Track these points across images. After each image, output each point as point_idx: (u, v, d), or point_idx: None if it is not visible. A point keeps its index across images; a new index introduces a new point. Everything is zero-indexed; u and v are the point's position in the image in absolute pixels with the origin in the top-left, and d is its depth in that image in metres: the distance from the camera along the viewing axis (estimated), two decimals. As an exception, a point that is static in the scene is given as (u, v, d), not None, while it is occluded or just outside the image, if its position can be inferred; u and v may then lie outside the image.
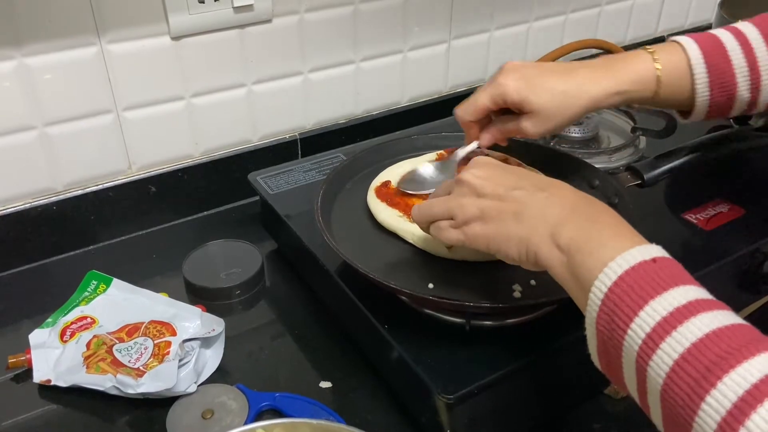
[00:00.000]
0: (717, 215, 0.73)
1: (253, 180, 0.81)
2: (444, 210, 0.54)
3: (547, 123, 0.63)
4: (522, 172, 0.54)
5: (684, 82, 0.63)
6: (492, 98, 0.64)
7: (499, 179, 0.52)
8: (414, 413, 0.61)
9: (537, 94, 0.62)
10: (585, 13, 1.17)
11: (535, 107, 0.62)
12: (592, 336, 0.44)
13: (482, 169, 0.54)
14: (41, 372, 0.65)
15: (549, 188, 0.51)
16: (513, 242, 0.49)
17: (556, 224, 0.47)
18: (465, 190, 0.53)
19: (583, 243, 0.45)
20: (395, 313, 0.62)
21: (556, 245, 0.47)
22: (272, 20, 0.86)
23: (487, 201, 0.51)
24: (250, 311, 0.76)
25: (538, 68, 0.65)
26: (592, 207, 0.49)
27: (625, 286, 0.41)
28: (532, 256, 0.48)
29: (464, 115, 0.67)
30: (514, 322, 0.60)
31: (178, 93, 0.84)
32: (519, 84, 0.63)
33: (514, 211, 0.50)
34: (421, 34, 0.99)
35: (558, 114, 0.63)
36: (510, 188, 0.51)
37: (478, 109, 0.66)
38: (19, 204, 0.79)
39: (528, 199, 0.50)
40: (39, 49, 0.73)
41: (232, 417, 0.61)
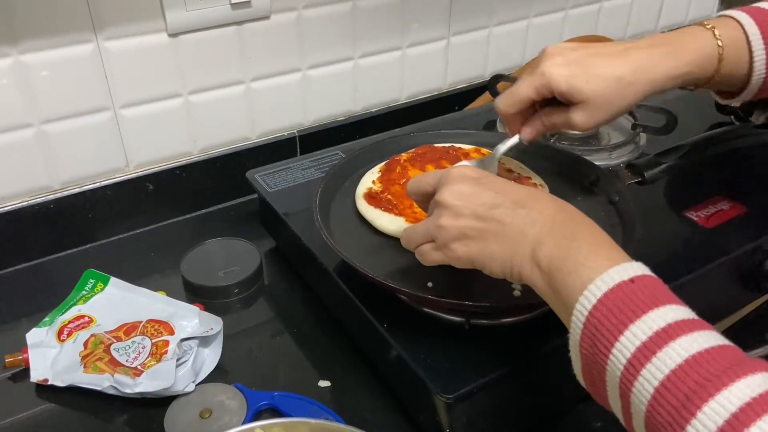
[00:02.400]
0: (718, 213, 0.73)
1: (251, 178, 0.81)
2: (425, 233, 0.53)
3: (600, 114, 0.58)
4: (499, 185, 0.51)
5: (743, 58, 0.59)
6: (536, 89, 0.59)
7: (477, 198, 0.50)
8: (412, 412, 0.61)
9: (588, 81, 0.57)
10: (584, 9, 1.16)
11: (587, 96, 0.57)
12: (576, 358, 0.44)
13: (459, 186, 0.51)
14: (38, 371, 0.64)
15: (528, 203, 0.49)
16: (496, 261, 0.49)
17: (536, 242, 0.47)
18: (443, 212, 0.51)
19: (561, 262, 0.45)
20: (394, 311, 0.61)
21: (537, 264, 0.46)
22: (270, 17, 0.85)
23: (467, 221, 0.50)
24: (249, 310, 0.76)
25: (587, 51, 0.59)
26: (571, 220, 0.48)
27: (605, 309, 0.41)
28: (516, 274, 0.48)
29: (506, 109, 0.62)
30: (514, 320, 0.59)
31: (176, 90, 0.83)
32: (566, 71, 0.57)
33: (495, 230, 0.49)
34: (420, 30, 0.99)
35: (613, 103, 0.58)
36: (489, 207, 0.49)
37: (520, 100, 0.60)
38: (16, 202, 0.79)
39: (508, 217, 0.49)
40: (35, 47, 0.72)
41: (230, 416, 0.60)
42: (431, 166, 0.73)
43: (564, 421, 0.63)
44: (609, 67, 0.58)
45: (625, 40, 0.61)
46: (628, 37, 1.26)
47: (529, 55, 1.12)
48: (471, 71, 1.09)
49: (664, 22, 1.30)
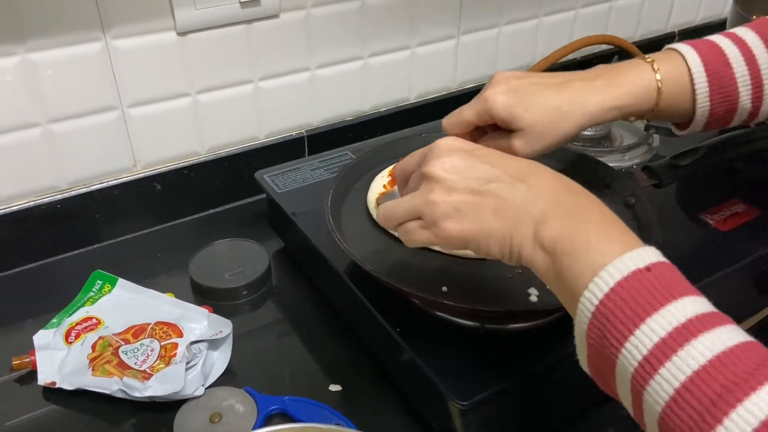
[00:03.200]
0: (733, 215, 0.72)
1: (260, 178, 0.80)
2: (410, 209, 0.49)
3: (538, 141, 0.58)
4: (495, 158, 0.48)
5: (684, 92, 0.60)
6: (478, 113, 0.59)
7: (471, 171, 0.47)
8: (425, 418, 0.60)
9: (527, 110, 0.57)
10: (595, 8, 1.15)
11: (526, 124, 0.57)
12: (582, 346, 0.41)
13: (450, 160, 0.48)
14: (46, 374, 0.64)
15: (528, 177, 0.46)
16: (494, 240, 0.46)
17: (539, 221, 0.44)
18: (433, 186, 0.47)
19: (568, 245, 0.42)
20: (406, 315, 0.60)
21: (540, 245, 0.43)
22: (279, 15, 0.84)
23: (461, 196, 0.46)
24: (257, 312, 0.75)
25: (529, 80, 0.59)
26: (577, 198, 0.45)
27: (618, 299, 0.38)
28: (515, 255, 0.45)
29: (449, 128, 0.62)
30: (529, 325, 0.58)
31: (184, 89, 0.82)
32: (507, 99, 0.57)
33: (493, 206, 0.45)
34: (430, 29, 0.98)
35: (551, 132, 0.58)
36: (485, 181, 0.46)
37: (463, 123, 0.61)
38: (23, 202, 0.78)
39: (506, 192, 0.45)
40: (43, 45, 0.71)
41: (240, 421, 0.60)
42: None
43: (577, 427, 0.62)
44: (547, 97, 0.58)
45: (569, 72, 0.62)
46: (639, 37, 1.25)
47: (539, 54, 1.11)
48: (480, 71, 1.08)
49: (675, 21, 1.29)
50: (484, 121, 0.60)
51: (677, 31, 1.30)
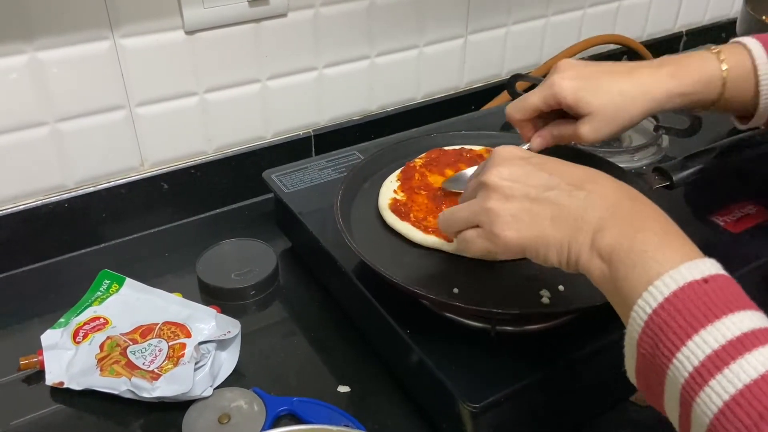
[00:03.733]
0: (744, 217, 0.72)
1: (267, 178, 0.80)
2: (469, 216, 0.50)
3: (605, 127, 0.59)
4: (553, 166, 0.48)
5: (748, 84, 0.60)
6: (544, 99, 0.60)
7: (529, 179, 0.47)
8: (435, 420, 0.60)
9: (595, 95, 0.58)
10: (603, 8, 1.14)
11: (594, 109, 0.58)
12: (632, 355, 0.41)
13: (508, 168, 0.48)
14: (54, 374, 0.63)
15: (586, 185, 0.46)
16: (552, 248, 0.46)
17: (597, 229, 0.43)
18: (491, 194, 0.48)
19: (625, 254, 0.41)
20: (416, 316, 0.60)
21: (597, 253, 0.43)
22: (287, 14, 0.84)
23: (518, 204, 0.47)
24: (265, 312, 0.75)
25: (596, 67, 0.61)
26: (635, 206, 0.44)
27: (672, 309, 0.38)
28: (572, 262, 0.45)
29: (513, 114, 0.63)
30: (541, 327, 0.58)
31: (192, 88, 0.82)
32: (574, 84, 0.58)
33: (551, 214, 0.45)
34: (437, 28, 0.97)
35: (617, 117, 0.59)
36: (543, 189, 0.46)
37: (528, 109, 0.62)
38: (30, 201, 0.78)
39: (565, 199, 0.45)
40: (51, 43, 0.71)
41: (249, 422, 0.59)
42: (450, 170, 0.72)
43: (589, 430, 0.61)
44: (615, 83, 0.59)
45: (633, 62, 0.64)
46: (646, 37, 1.24)
47: (546, 54, 1.11)
48: (488, 70, 1.07)
49: (683, 21, 1.29)
50: (550, 107, 0.61)
51: (685, 31, 1.29)
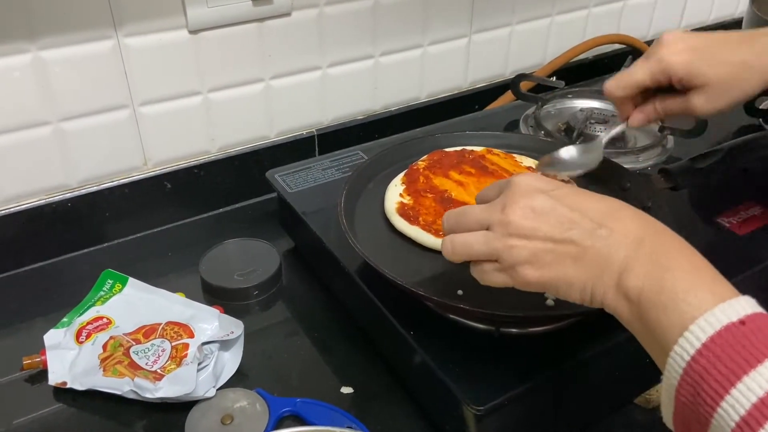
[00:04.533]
0: (750, 219, 0.71)
1: (271, 178, 0.79)
2: (487, 251, 0.47)
3: (721, 98, 0.56)
4: (574, 199, 0.46)
5: None
6: (651, 74, 0.57)
7: (550, 216, 0.45)
8: (438, 422, 0.59)
9: (710, 65, 0.55)
10: (608, 8, 1.14)
11: (708, 80, 0.55)
12: (669, 402, 0.39)
13: (529, 202, 0.46)
14: (57, 374, 0.63)
15: (609, 221, 0.44)
16: (575, 289, 0.44)
17: (622, 269, 0.42)
18: (511, 231, 0.46)
19: (654, 295, 0.40)
20: (420, 318, 0.60)
21: (624, 295, 0.41)
22: (291, 13, 0.84)
23: (540, 243, 0.45)
24: (268, 312, 0.75)
25: (706, 38, 0.57)
26: (661, 241, 0.43)
27: (712, 356, 0.36)
28: (597, 302, 0.44)
29: (615, 91, 0.60)
30: (545, 329, 0.58)
31: (195, 88, 0.82)
32: (686, 56, 0.56)
33: (573, 255, 0.44)
34: (442, 28, 0.97)
35: (734, 88, 0.55)
36: (565, 227, 0.44)
37: (632, 84, 0.59)
38: (33, 200, 0.78)
39: (587, 239, 0.44)
40: (54, 42, 0.71)
41: (252, 423, 0.59)
42: (454, 172, 0.72)
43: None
44: (732, 52, 0.56)
45: (749, 30, 0.60)
46: (651, 36, 1.24)
47: (550, 54, 1.10)
48: (492, 70, 1.07)
49: (688, 21, 1.28)
50: (657, 83, 0.58)
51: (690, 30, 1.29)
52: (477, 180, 0.71)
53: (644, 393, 0.63)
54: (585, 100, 0.95)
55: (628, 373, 0.62)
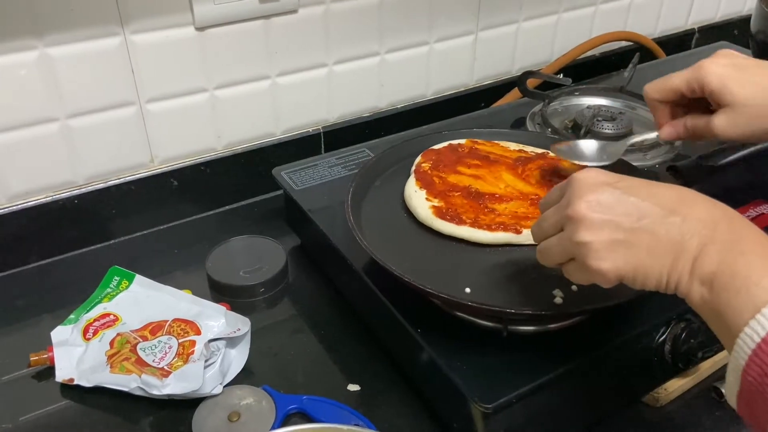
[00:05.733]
0: (759, 217, 0.71)
1: (277, 175, 0.79)
2: (563, 252, 0.48)
3: (744, 123, 0.55)
4: (641, 189, 0.46)
5: None
6: (688, 81, 0.57)
7: (619, 207, 0.45)
8: (445, 420, 0.59)
9: (743, 85, 0.54)
10: (615, 5, 1.13)
11: (736, 100, 0.54)
12: (735, 382, 0.40)
13: (596, 197, 0.45)
14: (64, 371, 0.63)
15: (681, 208, 0.44)
16: (652, 277, 0.44)
17: (697, 255, 0.42)
18: (579, 226, 0.45)
19: (727, 279, 0.40)
20: (427, 315, 0.60)
21: (698, 279, 0.42)
22: (298, 11, 0.83)
23: (611, 235, 0.44)
24: (274, 309, 0.74)
25: (755, 61, 0.56)
26: (734, 227, 0.43)
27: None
28: (671, 288, 0.44)
29: (651, 92, 0.60)
30: (553, 327, 0.58)
31: (202, 85, 0.82)
32: (723, 70, 0.55)
33: (648, 244, 0.44)
34: (448, 25, 0.97)
35: (762, 116, 0.54)
36: (636, 217, 0.44)
37: (668, 89, 0.58)
38: (40, 197, 0.78)
39: (660, 227, 0.43)
40: (61, 39, 0.71)
41: (259, 420, 0.59)
42: (462, 167, 0.71)
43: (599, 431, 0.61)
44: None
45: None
46: (658, 34, 1.23)
47: (557, 51, 1.10)
48: (498, 67, 1.06)
49: (695, 18, 1.27)
50: (692, 92, 0.57)
51: (697, 27, 1.28)
52: (488, 170, 0.71)
53: (652, 391, 0.63)
54: (592, 98, 0.95)
55: (636, 371, 0.61)
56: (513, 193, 0.68)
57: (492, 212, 0.65)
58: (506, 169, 0.71)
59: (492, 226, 0.63)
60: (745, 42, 1.03)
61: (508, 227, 0.63)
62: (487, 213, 0.65)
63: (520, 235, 0.63)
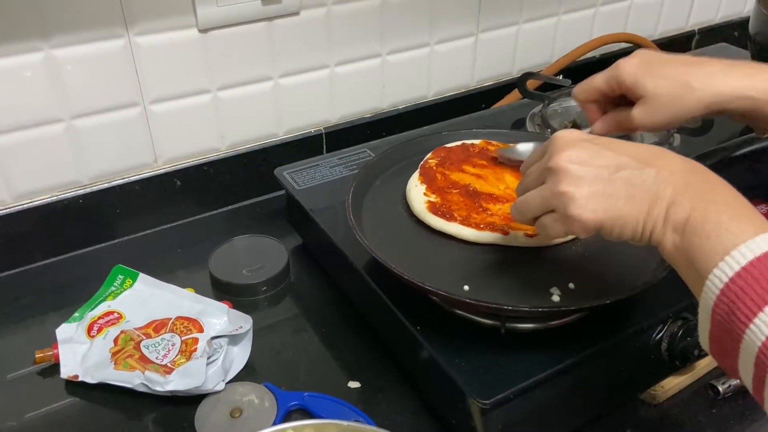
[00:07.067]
0: (756, 217, 0.71)
1: (279, 175, 0.80)
2: (541, 203, 0.50)
3: (658, 113, 0.58)
4: (618, 146, 0.49)
5: None
6: (606, 80, 0.61)
7: (597, 160, 0.48)
8: (444, 416, 0.60)
9: (652, 79, 0.58)
10: (615, 6, 1.14)
11: (647, 93, 0.58)
12: (706, 322, 0.42)
13: (575, 151, 0.48)
14: (68, 367, 0.64)
15: (655, 161, 0.47)
16: (628, 225, 0.47)
17: (670, 203, 0.45)
18: (561, 178, 0.48)
19: (699, 225, 0.43)
20: (426, 313, 0.60)
21: (672, 226, 0.45)
22: (300, 12, 0.84)
23: (591, 186, 0.47)
24: (276, 308, 0.75)
25: (666, 56, 0.60)
26: (706, 180, 0.46)
27: (750, 278, 0.39)
28: (646, 237, 0.47)
29: (577, 94, 0.64)
30: (551, 325, 0.58)
31: (205, 86, 0.83)
32: (636, 68, 0.58)
33: (625, 193, 0.46)
34: (449, 26, 0.98)
35: (672, 105, 0.58)
36: (613, 169, 0.47)
37: (591, 89, 0.62)
38: (45, 197, 0.79)
39: (636, 178, 0.46)
40: (67, 41, 0.72)
41: (260, 416, 0.60)
42: (468, 166, 0.72)
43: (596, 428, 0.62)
44: (678, 70, 0.58)
45: (710, 57, 0.61)
46: (658, 35, 1.24)
47: (557, 52, 1.11)
48: (499, 68, 1.07)
49: (695, 19, 1.28)
50: (612, 89, 0.61)
51: (697, 29, 1.29)
52: (493, 171, 0.72)
53: (650, 389, 0.64)
54: (592, 99, 0.95)
55: (633, 368, 0.62)
56: (511, 195, 0.68)
57: (485, 211, 0.66)
58: (511, 171, 0.72)
59: (481, 225, 0.64)
60: (745, 43, 1.03)
61: (496, 227, 0.64)
62: (480, 212, 0.66)
63: (508, 236, 0.63)
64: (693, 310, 0.60)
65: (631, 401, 0.64)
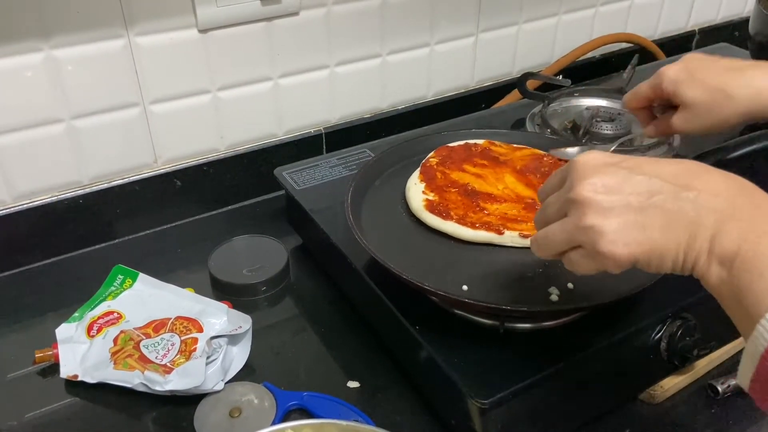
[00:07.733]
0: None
1: (279, 175, 0.80)
2: (566, 238, 0.44)
3: (697, 120, 0.59)
4: (647, 166, 0.43)
5: None
6: (652, 87, 0.62)
7: (626, 187, 0.42)
8: (444, 416, 0.60)
9: (690, 86, 0.58)
10: (615, 6, 1.14)
11: (686, 101, 0.58)
12: (751, 366, 0.38)
13: (600, 178, 0.43)
14: (68, 367, 0.64)
15: (694, 182, 0.41)
16: (667, 258, 0.42)
17: (715, 233, 0.40)
18: (585, 210, 0.42)
19: (750, 260, 0.38)
20: (425, 313, 0.60)
21: (717, 260, 0.40)
22: (299, 13, 0.84)
23: (621, 217, 0.41)
24: (276, 308, 0.75)
25: (710, 61, 0.60)
26: (756, 203, 0.40)
27: None
28: (687, 269, 0.42)
29: (626, 102, 0.66)
30: (550, 324, 0.58)
31: (205, 86, 0.83)
32: (677, 74, 0.59)
33: (661, 222, 0.41)
34: (449, 27, 0.98)
35: (709, 114, 0.58)
36: (646, 195, 0.41)
37: (639, 97, 0.64)
38: (45, 197, 0.79)
39: (673, 204, 0.41)
40: (67, 41, 0.72)
41: (260, 416, 0.60)
42: (468, 165, 0.72)
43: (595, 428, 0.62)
44: (717, 77, 0.58)
45: (759, 61, 0.61)
46: (659, 36, 1.24)
47: (557, 52, 1.11)
48: (498, 69, 1.07)
49: (695, 19, 1.28)
50: (657, 96, 0.62)
51: (697, 29, 1.29)
52: (493, 171, 0.72)
53: (649, 389, 0.63)
54: (591, 99, 0.95)
55: (632, 368, 0.62)
56: (509, 195, 0.68)
57: (482, 211, 0.66)
58: (511, 171, 0.72)
59: (477, 224, 0.64)
60: (746, 44, 1.03)
61: (492, 227, 0.64)
62: (477, 211, 0.66)
63: (502, 236, 0.63)
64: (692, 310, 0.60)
65: (630, 401, 0.64)
